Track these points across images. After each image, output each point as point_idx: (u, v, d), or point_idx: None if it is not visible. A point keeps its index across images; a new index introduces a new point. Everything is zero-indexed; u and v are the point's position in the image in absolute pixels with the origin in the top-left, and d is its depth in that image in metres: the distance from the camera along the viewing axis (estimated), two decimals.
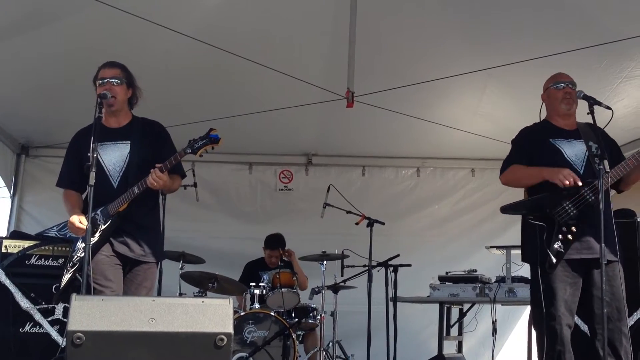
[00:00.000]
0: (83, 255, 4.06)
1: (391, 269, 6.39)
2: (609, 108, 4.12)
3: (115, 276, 4.20)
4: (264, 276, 6.73)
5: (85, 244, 3.94)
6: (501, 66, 5.58)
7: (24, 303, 5.57)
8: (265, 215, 8.13)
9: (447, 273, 6.47)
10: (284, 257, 7.27)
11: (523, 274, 6.13)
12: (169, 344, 3.21)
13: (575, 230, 4.09)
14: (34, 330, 5.62)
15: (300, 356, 6.38)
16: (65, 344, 3.23)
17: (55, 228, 4.50)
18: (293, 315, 6.53)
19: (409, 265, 6.48)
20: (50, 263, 5.72)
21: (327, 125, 7.38)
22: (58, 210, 7.80)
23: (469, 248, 7.91)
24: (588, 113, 4.15)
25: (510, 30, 5.42)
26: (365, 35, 5.38)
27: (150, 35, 5.34)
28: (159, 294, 6.03)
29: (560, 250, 4.07)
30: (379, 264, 6.39)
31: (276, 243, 7.33)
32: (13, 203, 7.82)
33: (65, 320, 5.18)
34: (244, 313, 6.26)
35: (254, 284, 6.53)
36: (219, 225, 8.08)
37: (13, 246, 5.70)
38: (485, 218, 8.12)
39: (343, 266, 6.58)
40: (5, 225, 7.74)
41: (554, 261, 4.06)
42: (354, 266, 6.50)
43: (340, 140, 7.93)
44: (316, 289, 6.55)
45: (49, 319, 5.64)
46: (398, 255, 6.43)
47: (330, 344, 6.42)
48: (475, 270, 6.37)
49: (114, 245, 4.25)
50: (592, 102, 4.13)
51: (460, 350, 7.18)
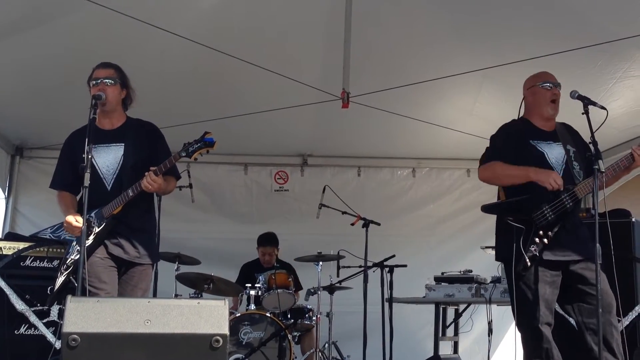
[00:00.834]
0: (77, 257, 4.07)
1: (387, 269, 6.40)
2: (603, 108, 4.12)
3: (109, 278, 4.19)
4: (260, 277, 6.73)
5: (80, 246, 3.94)
6: (496, 66, 5.58)
7: (19, 305, 5.55)
8: (260, 216, 8.13)
9: (443, 273, 6.48)
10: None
11: None
12: (165, 346, 3.21)
13: (552, 234, 4.12)
14: (29, 332, 5.60)
15: (296, 357, 6.38)
16: (60, 346, 3.22)
17: (49, 229, 4.48)
18: (289, 316, 6.53)
19: (405, 265, 6.49)
20: (45, 265, 5.70)
21: (323, 126, 7.38)
22: (53, 212, 7.78)
23: (465, 248, 7.92)
24: (583, 113, 4.15)
25: (506, 31, 5.42)
26: (360, 35, 5.38)
27: (145, 37, 5.33)
28: (155, 295, 6.01)
29: (535, 253, 4.10)
30: (375, 265, 6.40)
31: (268, 240, 7.35)
32: (7, 204, 7.80)
33: (60, 322, 5.17)
34: (239, 314, 6.26)
35: (250, 285, 6.53)
36: (215, 226, 8.08)
37: (8, 248, 5.68)
38: (480, 218, 8.07)
39: (339, 267, 6.58)
40: None
41: (529, 264, 4.09)
42: (349, 267, 6.50)
43: (336, 141, 7.93)
44: (312, 290, 6.54)
45: (44, 321, 5.61)
46: (394, 256, 6.43)
47: (326, 345, 6.41)
48: (471, 271, 6.37)
49: (109, 248, 4.24)
50: (587, 102, 4.14)
51: (456, 350, 7.18)
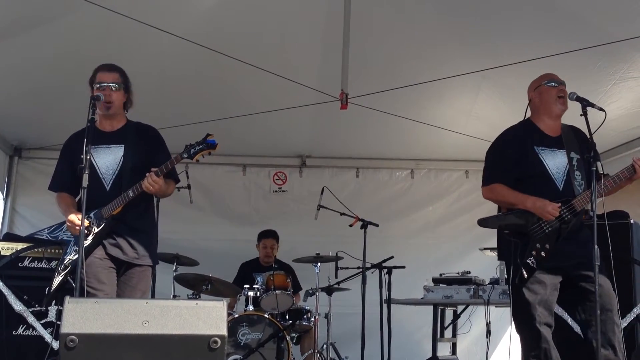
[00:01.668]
0: (76, 257, 4.06)
1: (385, 270, 6.39)
2: (602, 110, 4.13)
3: (108, 279, 4.19)
4: (258, 278, 6.73)
5: (78, 247, 3.94)
6: (495, 68, 5.59)
7: (17, 305, 5.55)
8: (259, 217, 8.12)
9: (441, 275, 6.46)
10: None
11: None
12: (163, 347, 3.21)
13: (549, 247, 4.15)
14: (27, 333, 5.59)
15: (294, 358, 6.37)
16: (58, 346, 3.22)
17: (46, 230, 4.48)
18: (287, 317, 6.52)
19: (403, 267, 6.48)
20: (43, 265, 5.70)
21: (321, 127, 7.38)
22: (51, 213, 7.77)
23: (463, 250, 7.91)
24: (581, 115, 4.16)
25: (505, 32, 5.42)
26: (359, 37, 5.38)
27: (143, 37, 5.33)
28: (153, 296, 6.01)
29: (532, 265, 4.13)
30: (373, 266, 6.39)
31: (270, 233, 7.43)
32: (6, 205, 7.79)
33: (58, 322, 5.16)
34: (238, 315, 6.25)
35: (248, 286, 6.53)
36: (213, 227, 8.07)
37: (6, 248, 5.67)
38: None
39: (337, 268, 6.57)
40: None
41: (525, 276, 4.12)
42: (347, 268, 6.49)
43: (334, 142, 7.93)
44: (310, 291, 6.54)
45: (42, 322, 5.61)
46: (392, 257, 6.42)
47: (325, 346, 6.41)
48: (469, 272, 6.36)
49: (107, 248, 4.24)
50: (586, 104, 4.14)
51: (454, 352, 7.17)
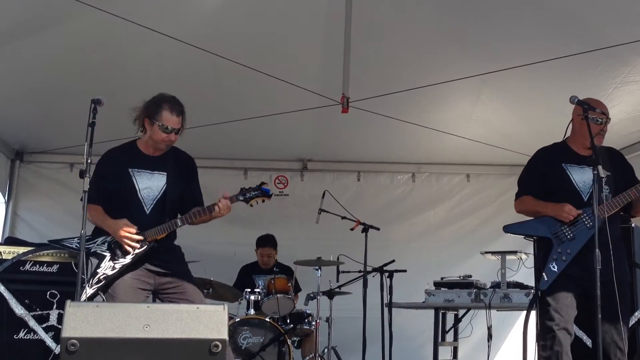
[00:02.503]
0: (112, 273, 4.24)
1: (386, 274, 6.38)
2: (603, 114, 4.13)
3: (129, 298, 4.24)
4: (259, 282, 6.71)
5: (114, 262, 4.24)
6: (496, 72, 5.59)
7: (19, 309, 5.53)
8: (260, 221, 8.09)
9: (442, 279, 6.46)
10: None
11: (518, 280, 6.14)
12: (164, 351, 3.21)
13: (570, 252, 4.20)
14: (28, 337, 5.58)
15: None
16: (59, 350, 3.22)
17: (76, 239, 4.42)
18: (288, 321, 6.51)
19: (404, 270, 6.47)
20: (45, 269, 5.68)
21: (322, 130, 7.38)
22: (52, 216, 7.88)
23: (464, 253, 7.89)
24: (582, 119, 4.16)
25: (505, 36, 5.42)
26: (360, 40, 5.38)
27: (144, 41, 5.34)
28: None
29: (554, 270, 4.18)
30: (374, 270, 6.37)
31: (267, 241, 7.39)
32: (7, 209, 7.80)
33: (59, 326, 5.15)
34: (239, 319, 6.25)
35: (249, 290, 6.52)
36: (214, 231, 7.99)
37: (7, 252, 5.66)
38: (480, 223, 8.12)
39: (338, 272, 6.57)
40: None
41: (546, 279, 4.18)
42: (349, 272, 6.48)
43: (336, 146, 7.93)
44: (311, 295, 6.53)
45: (44, 326, 5.60)
46: (393, 261, 6.41)
47: (326, 350, 6.40)
48: (471, 276, 6.36)
49: (149, 268, 4.35)
50: (587, 108, 4.14)
51: (455, 356, 7.17)
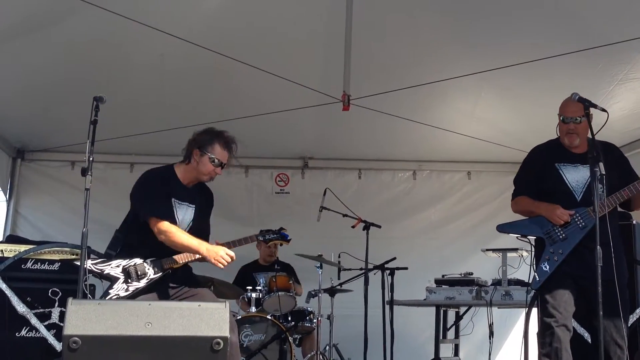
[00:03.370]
0: (124, 295, 4.31)
1: (388, 272, 6.39)
2: (604, 110, 4.14)
3: None
4: (261, 279, 6.72)
5: (128, 284, 4.32)
6: (497, 69, 5.58)
7: (20, 307, 5.54)
8: (261, 219, 8.09)
9: (444, 276, 6.46)
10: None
11: (519, 277, 6.14)
12: (166, 348, 3.21)
13: (562, 252, 4.22)
14: (30, 335, 5.59)
15: None
16: (61, 348, 3.22)
17: (90, 262, 4.38)
18: (290, 318, 6.52)
19: (406, 268, 6.48)
20: (46, 267, 5.69)
21: (324, 128, 7.37)
22: (54, 214, 7.89)
23: (466, 251, 7.89)
24: (583, 116, 4.17)
25: (507, 34, 5.41)
26: (361, 38, 5.38)
27: (145, 39, 5.33)
28: None
29: (546, 270, 4.21)
30: (376, 267, 6.38)
31: None
32: (9, 207, 7.80)
33: (61, 324, 5.16)
34: (240, 317, 6.25)
35: (251, 288, 6.52)
36: (215, 229, 7.98)
37: (9, 250, 5.67)
38: (481, 221, 8.11)
39: (339, 269, 6.58)
40: (1, 229, 7.72)
41: (537, 279, 4.22)
42: (350, 269, 6.49)
43: (337, 144, 7.93)
44: (313, 292, 6.54)
45: (45, 323, 5.61)
46: (394, 259, 6.42)
47: (327, 348, 6.41)
48: (472, 273, 6.36)
49: (162, 292, 4.43)
50: (588, 105, 4.15)
51: (457, 353, 7.17)
